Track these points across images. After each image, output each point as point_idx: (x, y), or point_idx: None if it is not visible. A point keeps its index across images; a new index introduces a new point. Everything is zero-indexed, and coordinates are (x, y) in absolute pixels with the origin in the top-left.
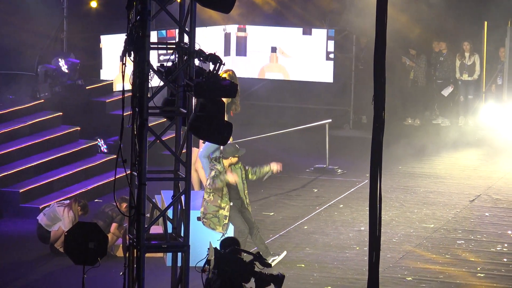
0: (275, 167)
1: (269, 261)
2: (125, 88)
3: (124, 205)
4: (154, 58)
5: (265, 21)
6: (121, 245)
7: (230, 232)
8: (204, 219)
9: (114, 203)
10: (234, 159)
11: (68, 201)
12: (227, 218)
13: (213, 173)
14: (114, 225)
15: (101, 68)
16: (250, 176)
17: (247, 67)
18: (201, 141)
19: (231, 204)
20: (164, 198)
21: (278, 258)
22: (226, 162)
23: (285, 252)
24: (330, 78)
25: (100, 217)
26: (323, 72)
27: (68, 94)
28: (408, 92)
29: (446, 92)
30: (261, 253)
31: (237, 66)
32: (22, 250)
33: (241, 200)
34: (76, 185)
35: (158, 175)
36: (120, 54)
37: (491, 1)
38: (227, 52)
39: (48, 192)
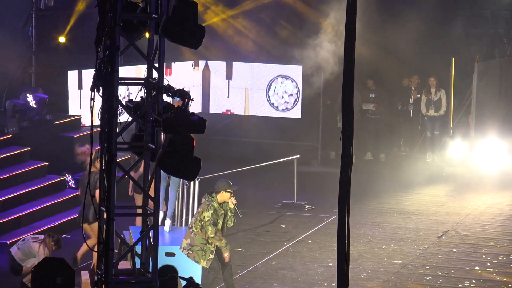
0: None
1: None
2: (94, 124)
3: (53, 243)
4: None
5: (234, 57)
6: (89, 280)
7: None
8: (189, 251)
9: (40, 237)
10: (227, 195)
11: (42, 236)
12: (213, 253)
13: (210, 214)
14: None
15: (69, 104)
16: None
17: (212, 102)
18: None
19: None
20: (132, 233)
21: None
22: (219, 198)
23: None
24: (298, 114)
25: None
26: (291, 108)
27: (36, 130)
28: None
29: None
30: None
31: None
32: None
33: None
34: (43, 220)
35: (127, 210)
36: (90, 89)
37: (459, 37)
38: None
39: (16, 228)
